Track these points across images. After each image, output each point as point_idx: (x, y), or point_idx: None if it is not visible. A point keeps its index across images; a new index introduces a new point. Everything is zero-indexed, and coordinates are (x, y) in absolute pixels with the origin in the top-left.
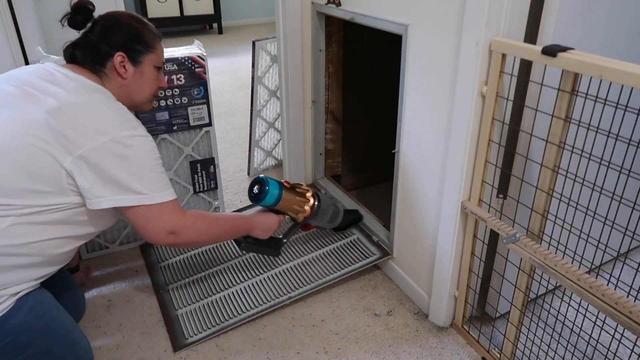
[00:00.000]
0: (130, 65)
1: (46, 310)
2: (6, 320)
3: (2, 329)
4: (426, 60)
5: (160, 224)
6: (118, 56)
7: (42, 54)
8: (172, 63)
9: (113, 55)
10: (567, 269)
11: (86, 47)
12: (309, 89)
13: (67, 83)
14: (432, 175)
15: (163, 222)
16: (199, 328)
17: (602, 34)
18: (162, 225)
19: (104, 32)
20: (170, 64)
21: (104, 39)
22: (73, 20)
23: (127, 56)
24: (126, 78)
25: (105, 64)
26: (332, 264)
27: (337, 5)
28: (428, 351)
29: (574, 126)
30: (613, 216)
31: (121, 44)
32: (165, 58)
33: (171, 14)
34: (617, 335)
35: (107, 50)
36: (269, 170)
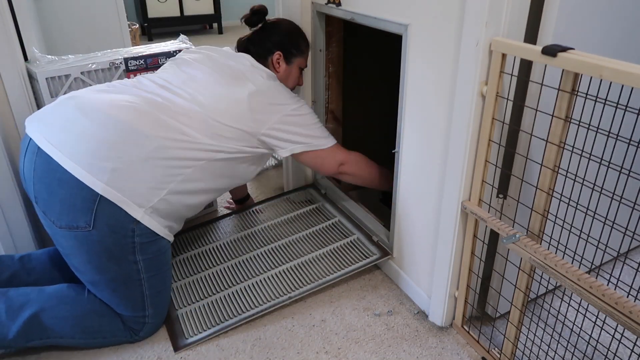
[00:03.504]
0: (284, 63)
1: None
2: (158, 242)
3: (155, 245)
4: (426, 60)
5: (333, 158)
6: (277, 54)
7: (38, 54)
8: (164, 57)
9: (274, 52)
10: (567, 269)
11: (256, 42)
12: (309, 89)
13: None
14: (432, 175)
15: (335, 156)
16: (199, 328)
17: (602, 34)
18: (334, 158)
19: (270, 33)
20: (163, 57)
21: (269, 38)
22: (250, 20)
23: (283, 55)
24: (279, 72)
25: (267, 57)
26: (332, 264)
27: (337, 5)
28: (428, 351)
29: (574, 126)
30: (613, 216)
31: (281, 44)
32: (156, 52)
33: (171, 14)
34: (617, 335)
35: (270, 47)
36: (269, 170)
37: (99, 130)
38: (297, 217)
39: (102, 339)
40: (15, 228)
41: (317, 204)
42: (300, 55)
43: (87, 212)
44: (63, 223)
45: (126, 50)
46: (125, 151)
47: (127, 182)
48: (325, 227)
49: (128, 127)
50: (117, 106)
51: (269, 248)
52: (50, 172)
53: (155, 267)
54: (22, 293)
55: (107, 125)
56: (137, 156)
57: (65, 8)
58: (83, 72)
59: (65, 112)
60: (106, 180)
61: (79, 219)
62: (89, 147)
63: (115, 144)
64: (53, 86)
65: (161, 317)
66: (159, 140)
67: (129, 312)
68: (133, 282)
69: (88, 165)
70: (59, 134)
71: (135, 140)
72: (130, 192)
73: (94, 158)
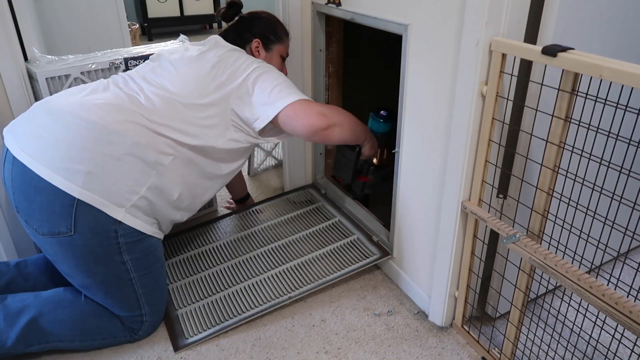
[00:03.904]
0: (263, 50)
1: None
2: (145, 240)
3: (142, 244)
4: (426, 60)
5: (310, 111)
6: (255, 41)
7: (38, 54)
8: None
9: (251, 40)
10: (567, 269)
11: (233, 33)
12: (309, 89)
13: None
14: (432, 175)
15: (311, 109)
16: (199, 328)
17: (602, 34)
18: (312, 111)
19: (247, 23)
20: None
21: (247, 28)
22: (225, 14)
23: (261, 42)
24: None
25: (245, 46)
26: (332, 264)
27: (337, 5)
28: (428, 351)
29: (574, 126)
30: (613, 216)
31: (259, 32)
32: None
33: (171, 13)
34: (617, 335)
35: (248, 36)
36: (269, 170)
37: (70, 134)
38: (297, 217)
39: (101, 340)
40: (17, 233)
41: (317, 204)
42: (279, 42)
43: (67, 217)
44: (45, 230)
45: (126, 50)
46: (98, 152)
47: (103, 183)
48: (325, 227)
49: (98, 127)
50: (86, 107)
51: (269, 248)
52: (27, 180)
53: (145, 266)
54: (19, 299)
55: (77, 128)
56: (110, 155)
57: (65, 8)
58: (83, 72)
59: (37, 118)
60: (81, 184)
61: (60, 225)
62: (61, 151)
63: (86, 146)
64: (53, 86)
65: (159, 315)
66: (130, 136)
67: (125, 312)
68: (124, 282)
69: (62, 170)
70: (31, 142)
71: (106, 140)
72: (107, 193)
73: (67, 162)
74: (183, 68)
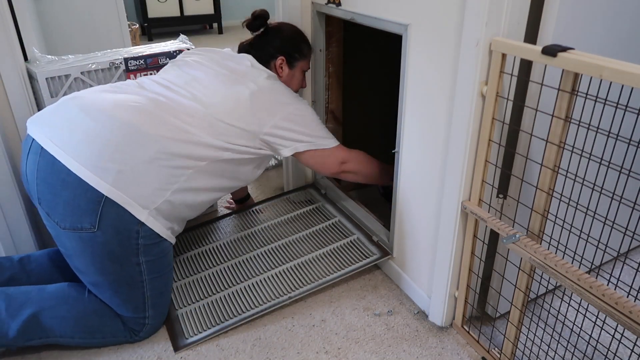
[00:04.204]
0: (287, 68)
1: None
2: (161, 244)
3: (158, 247)
4: (426, 60)
5: (335, 157)
6: (279, 59)
7: (38, 54)
8: (165, 57)
9: (277, 57)
10: (567, 269)
11: (258, 47)
12: (309, 89)
13: (258, 72)
14: (432, 175)
15: (336, 156)
16: (199, 328)
17: (602, 34)
18: (336, 157)
19: (273, 38)
20: (163, 57)
21: (272, 43)
22: (251, 25)
23: (286, 60)
24: (282, 76)
25: (269, 62)
26: (332, 264)
27: (337, 5)
28: (428, 351)
29: (574, 126)
30: (613, 216)
31: (283, 49)
32: (156, 52)
33: (171, 13)
34: (617, 335)
35: (273, 52)
36: (269, 170)
37: (104, 131)
38: (297, 217)
39: (101, 338)
40: (15, 229)
41: (317, 204)
42: (303, 59)
43: (92, 213)
44: (67, 224)
45: (126, 50)
46: (130, 153)
47: (132, 183)
48: (325, 227)
49: (132, 129)
50: (121, 107)
51: (269, 248)
52: (54, 173)
53: (158, 269)
54: (22, 291)
55: (111, 127)
56: (141, 158)
57: (65, 8)
58: (83, 72)
59: (68, 112)
60: (111, 182)
61: (84, 220)
62: (93, 148)
63: (120, 146)
64: (53, 86)
65: (161, 318)
66: (163, 141)
67: (129, 313)
68: (135, 283)
69: (93, 166)
70: (62, 135)
71: (140, 142)
72: (135, 194)
73: (99, 159)
74: (220, 86)
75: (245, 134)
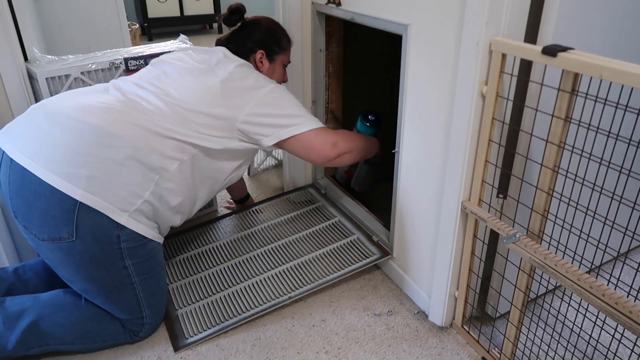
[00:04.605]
0: (267, 62)
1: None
2: (147, 245)
3: (144, 249)
4: (426, 60)
5: (325, 140)
6: (259, 53)
7: (38, 54)
8: None
9: (256, 51)
10: (567, 269)
11: (236, 41)
12: (309, 89)
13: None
14: (432, 175)
15: (326, 137)
16: (199, 328)
17: (602, 34)
18: (326, 140)
19: (250, 31)
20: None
21: (250, 37)
22: (228, 19)
23: (266, 54)
24: (262, 71)
25: (248, 56)
26: (332, 264)
27: (337, 5)
28: (428, 351)
29: (574, 126)
30: (613, 216)
31: (262, 43)
32: (156, 52)
33: (171, 13)
34: (617, 335)
35: (252, 46)
36: (269, 170)
37: (72, 137)
38: (297, 217)
39: (102, 342)
40: (19, 237)
41: (317, 204)
42: (283, 52)
43: (68, 222)
44: (45, 236)
45: (126, 50)
46: (101, 156)
47: (107, 186)
48: (325, 227)
49: (101, 131)
50: (88, 110)
51: (269, 248)
52: (26, 184)
53: (147, 270)
54: (17, 302)
55: (79, 131)
56: (113, 160)
57: (65, 8)
58: (83, 72)
59: (36, 122)
60: (84, 187)
61: (61, 230)
62: (63, 155)
63: (90, 150)
64: (53, 86)
65: (159, 317)
66: (134, 141)
67: (126, 315)
68: (125, 286)
69: (64, 173)
70: (31, 145)
71: (110, 144)
72: (110, 197)
73: (69, 166)
74: (190, 78)
75: (220, 125)
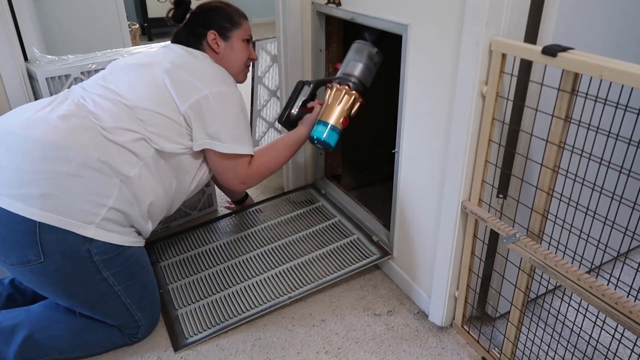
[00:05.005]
0: (222, 41)
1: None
2: (124, 252)
3: (121, 257)
4: (426, 60)
5: (233, 175)
6: (210, 34)
7: (38, 54)
8: None
9: (206, 34)
10: (567, 269)
11: (186, 32)
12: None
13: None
14: (432, 175)
15: (236, 173)
16: (199, 328)
17: (602, 34)
18: (234, 176)
19: (197, 18)
20: None
21: (200, 23)
22: (176, 14)
23: (217, 33)
24: (219, 52)
25: (202, 42)
26: (332, 264)
27: (337, 5)
28: (428, 351)
29: (574, 126)
30: (613, 216)
31: (212, 23)
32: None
33: None
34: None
35: (202, 31)
36: None
37: (18, 157)
38: (297, 217)
39: (101, 349)
40: None
41: (317, 204)
42: (236, 27)
43: (32, 244)
44: (14, 261)
45: (126, 50)
46: (51, 171)
47: (63, 202)
48: (325, 227)
49: (46, 144)
50: (32, 125)
51: (269, 248)
52: None
53: (129, 277)
54: (10, 317)
55: (25, 149)
56: (65, 172)
57: (65, 8)
58: (83, 72)
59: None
60: (40, 206)
61: (28, 253)
62: (12, 177)
63: (37, 166)
64: (53, 86)
65: (154, 316)
66: (84, 149)
67: (118, 322)
68: (109, 296)
69: (16, 195)
70: None
71: (59, 156)
72: (70, 212)
73: (20, 187)
74: (132, 73)
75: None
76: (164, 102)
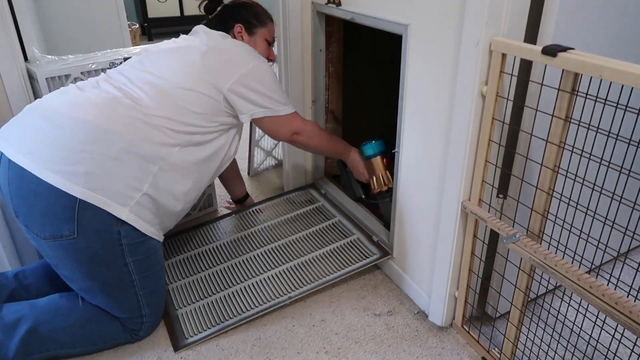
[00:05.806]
0: (247, 35)
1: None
2: (147, 242)
3: (144, 246)
4: (426, 60)
5: (288, 127)
6: (237, 26)
7: (38, 54)
8: None
9: (234, 26)
10: (567, 269)
11: (216, 22)
12: (309, 89)
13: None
14: (432, 175)
15: (290, 125)
16: (199, 328)
17: (602, 34)
18: (290, 128)
19: (229, 11)
20: None
21: (229, 16)
22: (208, 7)
23: (244, 27)
24: None
25: (229, 32)
26: (332, 264)
27: (337, 5)
28: (428, 351)
29: (574, 126)
30: (613, 216)
31: (240, 17)
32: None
33: (171, 13)
34: (617, 335)
35: (230, 22)
36: (269, 171)
37: (66, 135)
38: (297, 217)
39: (102, 344)
40: (20, 239)
41: (317, 204)
42: (262, 26)
43: (69, 219)
44: (47, 234)
45: (126, 50)
46: (96, 151)
47: (104, 182)
48: (325, 227)
49: (92, 126)
50: (80, 107)
51: (269, 248)
52: (25, 184)
53: (147, 268)
54: (14, 310)
55: (73, 129)
56: (107, 155)
57: (65, 8)
58: (83, 72)
59: (31, 121)
60: (82, 184)
61: (63, 228)
62: (60, 153)
63: (84, 146)
64: (53, 86)
65: (158, 315)
66: (125, 134)
67: (125, 314)
68: (125, 284)
69: (62, 171)
70: (28, 145)
71: (103, 139)
72: (109, 192)
73: (66, 163)
74: (169, 56)
75: (207, 99)
76: (205, 83)
